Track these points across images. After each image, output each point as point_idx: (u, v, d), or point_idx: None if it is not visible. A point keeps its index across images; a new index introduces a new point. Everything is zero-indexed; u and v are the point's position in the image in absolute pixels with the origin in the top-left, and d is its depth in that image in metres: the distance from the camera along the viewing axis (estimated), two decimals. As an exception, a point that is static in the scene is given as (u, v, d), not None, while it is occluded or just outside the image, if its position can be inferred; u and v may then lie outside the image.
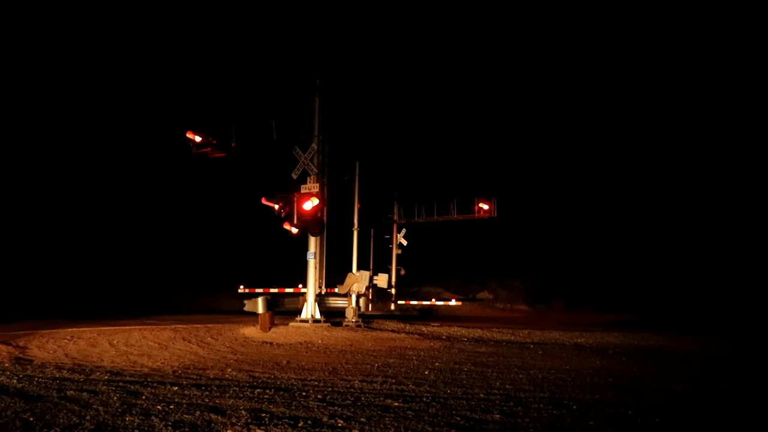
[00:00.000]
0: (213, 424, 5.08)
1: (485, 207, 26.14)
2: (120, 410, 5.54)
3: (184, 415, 5.38)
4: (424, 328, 16.29)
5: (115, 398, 6.10)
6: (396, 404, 6.05)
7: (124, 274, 32.84)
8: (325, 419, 5.32)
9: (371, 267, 26.85)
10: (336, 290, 17.12)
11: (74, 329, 13.87)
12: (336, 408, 5.80)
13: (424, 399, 6.35)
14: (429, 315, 25.63)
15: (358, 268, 20.39)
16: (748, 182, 38.34)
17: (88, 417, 5.25)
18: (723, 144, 42.10)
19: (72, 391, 6.43)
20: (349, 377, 7.88)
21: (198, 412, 5.49)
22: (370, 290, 18.57)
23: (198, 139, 16.24)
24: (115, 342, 11.61)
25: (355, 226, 22.17)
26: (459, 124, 52.17)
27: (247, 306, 15.05)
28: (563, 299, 33.46)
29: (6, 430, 4.86)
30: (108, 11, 46.53)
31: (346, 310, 16.12)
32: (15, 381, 7.08)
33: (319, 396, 6.41)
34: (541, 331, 15.73)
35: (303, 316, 15.79)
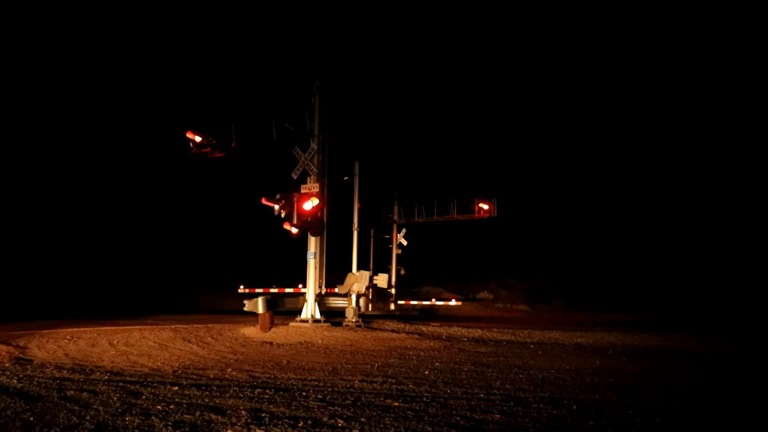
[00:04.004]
0: (213, 424, 5.09)
1: (485, 207, 26.14)
2: (120, 410, 5.54)
3: (184, 415, 5.39)
4: (424, 328, 16.28)
5: (115, 398, 6.10)
6: (396, 404, 6.05)
7: (124, 274, 32.83)
8: (325, 419, 5.32)
9: (371, 267, 26.85)
10: (336, 290, 17.11)
11: (74, 329, 13.86)
12: (336, 408, 5.80)
13: (424, 399, 6.35)
14: (429, 315, 25.61)
15: (358, 268, 20.37)
16: (748, 182, 38.35)
17: (88, 417, 5.25)
18: (723, 144, 42.12)
19: (72, 391, 6.43)
20: (349, 377, 7.88)
21: (198, 412, 5.49)
22: (370, 290, 18.55)
23: (198, 138, 16.25)
24: (115, 342, 11.61)
25: (355, 226, 22.16)
26: (459, 124, 52.19)
27: (247, 306, 15.05)
28: (563, 299, 33.43)
29: (6, 430, 4.86)
30: (108, 11, 46.53)
31: (346, 310, 16.11)
32: (15, 381, 7.08)
33: (319, 396, 6.41)
34: (541, 331, 15.72)
35: (303, 316, 15.79)
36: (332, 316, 16.18)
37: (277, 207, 15.25)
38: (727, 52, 44.87)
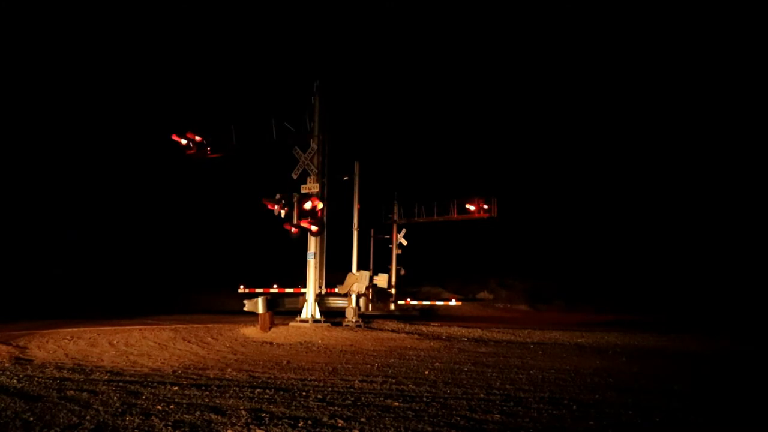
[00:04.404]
0: (213, 424, 5.09)
1: (485, 207, 26.13)
2: (120, 410, 5.54)
3: (184, 415, 5.39)
4: (424, 328, 16.28)
5: (115, 398, 6.10)
6: (396, 404, 6.05)
7: (125, 274, 32.83)
8: (325, 419, 5.32)
9: (371, 267, 26.82)
10: (336, 290, 17.11)
11: (74, 329, 13.86)
12: (336, 408, 5.80)
13: (424, 399, 6.35)
14: (429, 315, 25.61)
15: (358, 268, 20.35)
16: (748, 182, 38.36)
17: (88, 417, 5.25)
18: (723, 144, 42.13)
19: (72, 391, 6.43)
20: (349, 377, 7.88)
21: (198, 412, 5.49)
22: (370, 290, 18.54)
23: (197, 138, 16.26)
24: (115, 342, 11.61)
25: (355, 226, 22.13)
26: (458, 124, 52.22)
27: (247, 306, 15.05)
28: (563, 299, 33.42)
29: (6, 430, 4.86)
30: (107, 11, 46.54)
31: (346, 310, 16.11)
32: (15, 381, 7.08)
33: (319, 396, 6.41)
34: (541, 331, 15.72)
35: (303, 316, 15.79)
36: (332, 316, 16.18)
37: (277, 207, 15.25)
38: (727, 52, 44.88)
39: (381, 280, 20.88)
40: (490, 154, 45.15)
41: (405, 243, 28.97)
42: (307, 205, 15.25)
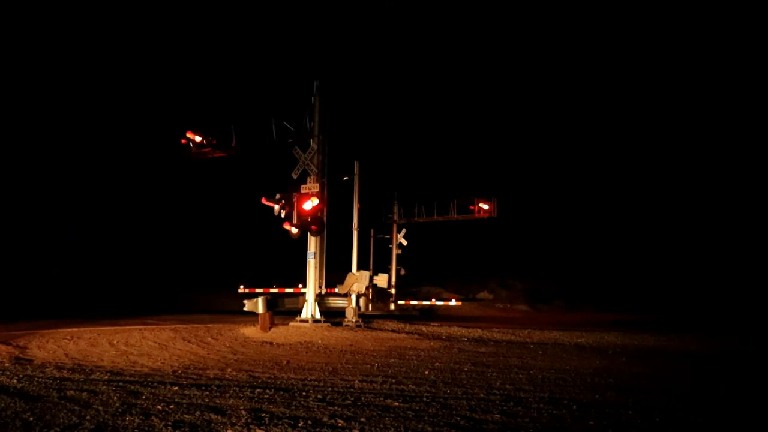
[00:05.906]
0: (213, 424, 5.09)
1: (485, 207, 26.13)
2: (120, 410, 5.54)
3: (184, 415, 5.39)
4: (424, 328, 16.28)
5: (115, 398, 6.10)
6: (396, 404, 6.04)
7: (124, 274, 32.82)
8: (325, 419, 5.32)
9: (371, 267, 26.81)
10: (336, 290, 17.11)
11: (74, 329, 13.87)
12: (336, 408, 5.80)
13: (424, 399, 6.35)
14: (429, 315, 25.60)
15: (358, 268, 20.34)
16: (748, 182, 38.36)
17: (88, 417, 5.25)
18: (723, 144, 42.14)
19: (72, 391, 6.43)
20: (349, 377, 7.88)
21: (198, 412, 5.49)
22: (370, 290, 18.54)
23: (198, 138, 16.25)
24: (115, 342, 11.61)
25: (355, 226, 22.12)
26: (458, 124, 52.26)
27: (247, 306, 15.05)
28: (563, 299, 33.41)
29: (6, 430, 4.86)
30: (108, 11, 46.55)
31: (346, 310, 16.11)
32: (15, 381, 7.08)
33: (319, 396, 6.41)
34: (541, 331, 15.72)
35: (303, 316, 15.79)
36: (332, 316, 16.18)
37: (277, 207, 15.26)
38: (727, 52, 44.89)
39: (381, 280, 20.88)
40: (489, 155, 45.19)
41: (405, 243, 28.96)
42: (307, 205, 15.26)
